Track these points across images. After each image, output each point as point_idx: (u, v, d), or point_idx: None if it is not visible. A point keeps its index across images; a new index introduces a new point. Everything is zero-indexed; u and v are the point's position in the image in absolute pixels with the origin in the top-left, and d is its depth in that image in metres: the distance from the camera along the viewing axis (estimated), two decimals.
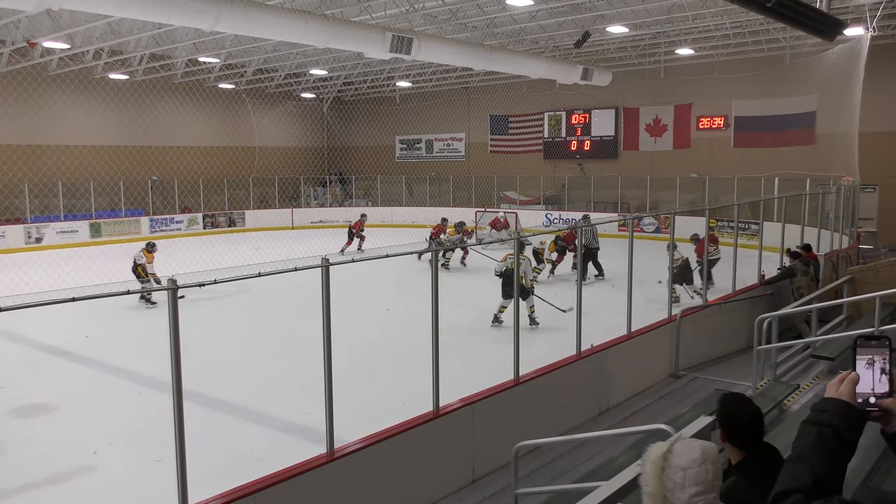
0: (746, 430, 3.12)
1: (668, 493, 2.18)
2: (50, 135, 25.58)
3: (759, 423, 3.17)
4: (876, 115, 19.85)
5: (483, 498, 6.74)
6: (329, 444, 5.71)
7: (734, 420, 3.12)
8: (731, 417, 3.13)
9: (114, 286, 4.87)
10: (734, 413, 3.14)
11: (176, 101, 28.56)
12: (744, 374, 9.45)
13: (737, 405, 3.19)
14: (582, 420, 8.52)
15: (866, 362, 1.63)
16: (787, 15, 11.86)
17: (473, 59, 18.57)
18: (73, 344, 11.36)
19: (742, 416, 3.13)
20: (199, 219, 29.02)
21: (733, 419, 3.13)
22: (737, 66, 24.20)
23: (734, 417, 3.13)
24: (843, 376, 1.63)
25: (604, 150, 29.21)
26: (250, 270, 5.47)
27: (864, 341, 1.65)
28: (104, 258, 18.27)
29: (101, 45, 22.12)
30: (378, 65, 27.56)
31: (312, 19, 14.55)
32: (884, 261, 12.60)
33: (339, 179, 35.78)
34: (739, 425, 3.11)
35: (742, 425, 3.11)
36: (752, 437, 3.11)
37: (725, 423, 3.15)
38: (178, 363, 4.73)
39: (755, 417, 3.16)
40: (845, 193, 15.70)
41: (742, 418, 3.12)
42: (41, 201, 25.28)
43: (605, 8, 19.11)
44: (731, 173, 23.69)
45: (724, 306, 11.63)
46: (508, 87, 29.50)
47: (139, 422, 7.96)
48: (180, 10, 12.50)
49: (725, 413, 3.17)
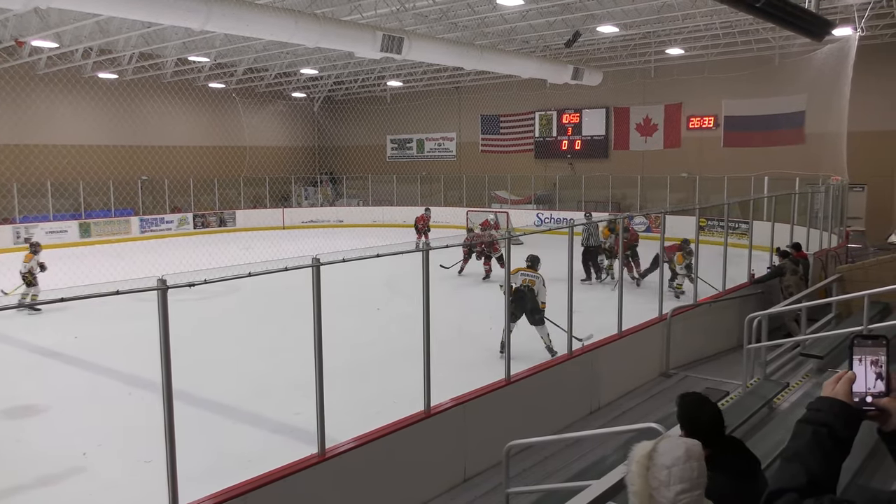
0: (706, 428, 3.19)
1: (654, 492, 2.19)
2: (39, 134, 25.41)
3: (718, 420, 3.25)
4: (864, 115, 19.96)
5: (474, 497, 6.75)
6: (320, 444, 5.71)
7: (694, 420, 3.20)
8: (691, 417, 3.22)
9: (103, 286, 4.85)
10: (693, 413, 3.23)
11: (166, 101, 28.45)
12: (734, 373, 9.49)
13: (695, 405, 3.28)
14: (573, 419, 8.55)
15: (863, 361, 1.63)
16: (776, 15, 11.92)
17: (464, 58, 18.58)
18: (63, 345, 11.31)
19: (701, 415, 3.22)
20: (189, 219, 28.90)
21: (693, 419, 3.21)
22: (726, 66, 24.29)
23: (693, 417, 3.21)
24: (839, 375, 1.63)
25: (594, 150, 29.27)
26: (241, 270, 5.46)
27: (861, 340, 1.65)
28: (93, 258, 18.17)
29: (90, 44, 22.02)
30: (369, 64, 27.53)
31: (303, 19, 14.52)
32: (872, 259, 12.68)
33: (330, 179, 35.72)
34: (699, 424, 3.19)
35: (701, 424, 3.19)
36: (713, 435, 3.18)
37: (685, 422, 3.22)
38: (168, 363, 4.72)
39: (713, 416, 3.23)
40: (834, 193, 15.80)
41: (701, 418, 3.21)
42: (30, 201, 25.13)
43: (596, 8, 19.15)
44: (721, 173, 23.79)
45: (715, 305, 11.68)
46: (499, 87, 29.53)
47: (129, 422, 7.93)
48: (170, 9, 12.46)
49: (685, 413, 3.25)
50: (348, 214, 31.97)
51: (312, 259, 5.50)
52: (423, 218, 21.47)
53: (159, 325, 4.63)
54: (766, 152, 23.45)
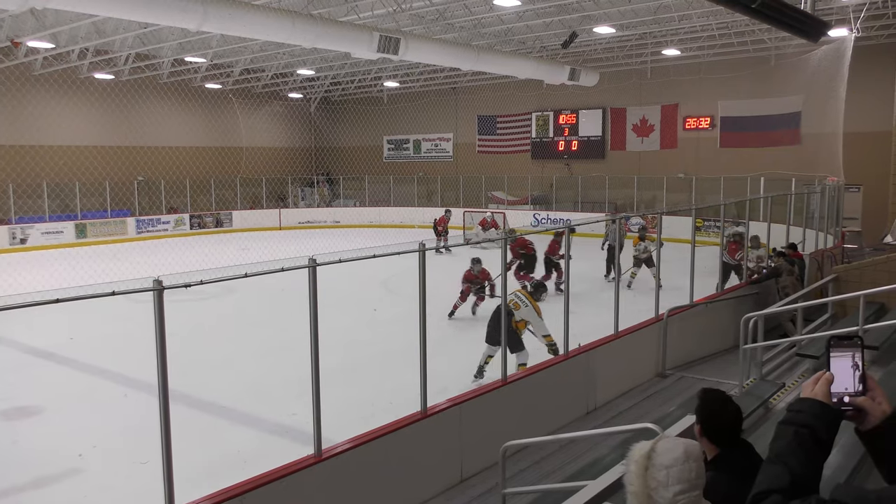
0: (727, 427, 3.14)
1: (652, 492, 2.19)
2: (35, 135, 25.34)
3: (738, 421, 3.21)
4: (860, 116, 20.02)
5: (471, 498, 6.74)
6: (317, 445, 5.70)
7: (715, 417, 3.15)
8: (713, 415, 3.16)
9: (98, 287, 4.84)
10: (716, 411, 3.17)
11: (162, 101, 28.42)
12: (730, 373, 9.50)
13: (718, 403, 3.21)
14: (569, 420, 8.54)
15: (840, 362, 1.64)
16: (772, 16, 11.94)
17: (461, 59, 18.58)
18: (58, 346, 11.28)
19: (724, 414, 3.15)
20: (185, 219, 28.86)
21: (715, 416, 3.15)
22: (723, 67, 24.34)
23: (716, 415, 3.15)
24: (817, 376, 1.64)
25: (591, 151, 29.29)
26: (237, 271, 5.46)
27: (838, 341, 1.66)
28: (90, 259, 18.13)
29: (87, 45, 21.97)
30: (365, 65, 27.51)
31: (299, 19, 14.50)
32: (868, 260, 12.69)
33: (327, 180, 35.71)
34: (720, 423, 3.14)
35: (723, 423, 3.14)
36: (730, 435, 3.15)
37: (706, 419, 3.17)
38: (164, 364, 4.71)
39: (736, 416, 3.19)
40: (830, 193, 15.81)
41: (723, 416, 3.15)
42: (25, 202, 25.07)
43: (592, 8, 19.18)
44: (717, 173, 23.84)
45: (711, 306, 11.68)
46: (496, 88, 29.54)
47: (125, 423, 7.92)
48: (166, 9, 12.43)
49: (707, 410, 3.19)
50: (345, 215, 31.96)
51: (309, 260, 5.49)
52: (444, 220, 21.45)
53: (155, 326, 4.62)
54: (762, 153, 23.52)
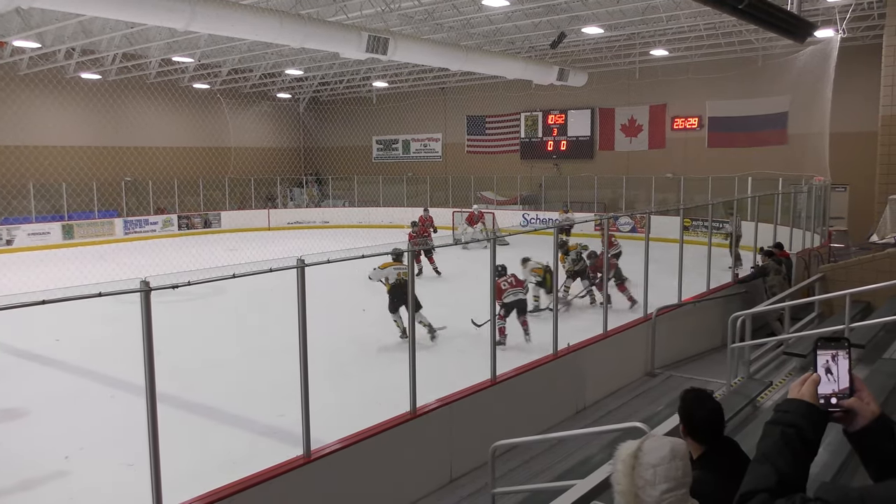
0: (706, 426, 3.18)
1: (639, 491, 2.20)
2: (20, 135, 25.10)
3: (719, 419, 3.24)
4: (846, 116, 20.16)
5: (461, 498, 6.75)
6: (306, 446, 5.69)
7: (694, 415, 3.19)
8: (692, 413, 3.20)
9: (85, 289, 4.81)
10: (695, 409, 3.21)
11: (150, 102, 28.26)
12: (718, 372, 9.56)
13: (697, 402, 3.26)
14: (558, 419, 8.57)
15: (827, 363, 1.64)
16: (759, 17, 12.02)
17: (450, 59, 18.58)
18: (45, 347, 11.19)
19: (701, 411, 3.20)
20: (174, 220, 28.70)
21: (693, 414, 3.20)
22: (710, 67, 24.45)
23: (695, 413, 3.20)
24: (804, 377, 1.65)
25: (580, 151, 29.36)
26: (226, 272, 5.44)
27: (825, 342, 1.67)
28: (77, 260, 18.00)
29: (73, 45, 21.82)
30: (354, 65, 27.47)
31: (288, 19, 14.46)
32: (854, 259, 12.78)
33: (316, 180, 35.61)
34: (700, 421, 3.18)
35: (702, 421, 3.18)
36: (711, 433, 3.18)
37: (686, 418, 3.22)
38: (151, 366, 4.69)
39: (715, 413, 3.23)
40: (817, 193, 15.92)
41: (701, 414, 3.19)
42: (11, 203, 24.85)
43: (581, 9, 19.23)
44: (705, 173, 23.93)
45: (699, 305, 11.74)
46: (485, 88, 29.56)
47: (112, 425, 7.86)
48: (153, 9, 12.36)
49: (687, 409, 3.24)
50: (334, 215, 31.87)
51: (298, 260, 5.48)
52: (430, 219, 21.14)
53: (142, 327, 4.60)
54: (749, 153, 23.65)
